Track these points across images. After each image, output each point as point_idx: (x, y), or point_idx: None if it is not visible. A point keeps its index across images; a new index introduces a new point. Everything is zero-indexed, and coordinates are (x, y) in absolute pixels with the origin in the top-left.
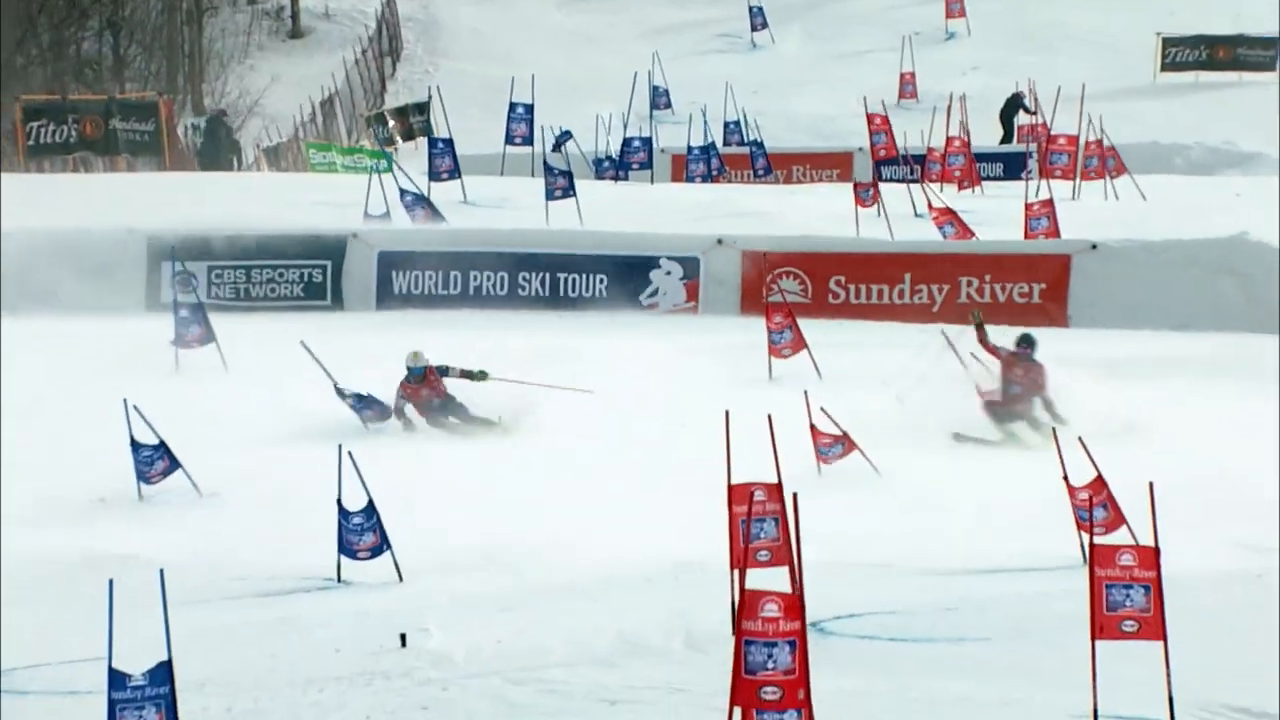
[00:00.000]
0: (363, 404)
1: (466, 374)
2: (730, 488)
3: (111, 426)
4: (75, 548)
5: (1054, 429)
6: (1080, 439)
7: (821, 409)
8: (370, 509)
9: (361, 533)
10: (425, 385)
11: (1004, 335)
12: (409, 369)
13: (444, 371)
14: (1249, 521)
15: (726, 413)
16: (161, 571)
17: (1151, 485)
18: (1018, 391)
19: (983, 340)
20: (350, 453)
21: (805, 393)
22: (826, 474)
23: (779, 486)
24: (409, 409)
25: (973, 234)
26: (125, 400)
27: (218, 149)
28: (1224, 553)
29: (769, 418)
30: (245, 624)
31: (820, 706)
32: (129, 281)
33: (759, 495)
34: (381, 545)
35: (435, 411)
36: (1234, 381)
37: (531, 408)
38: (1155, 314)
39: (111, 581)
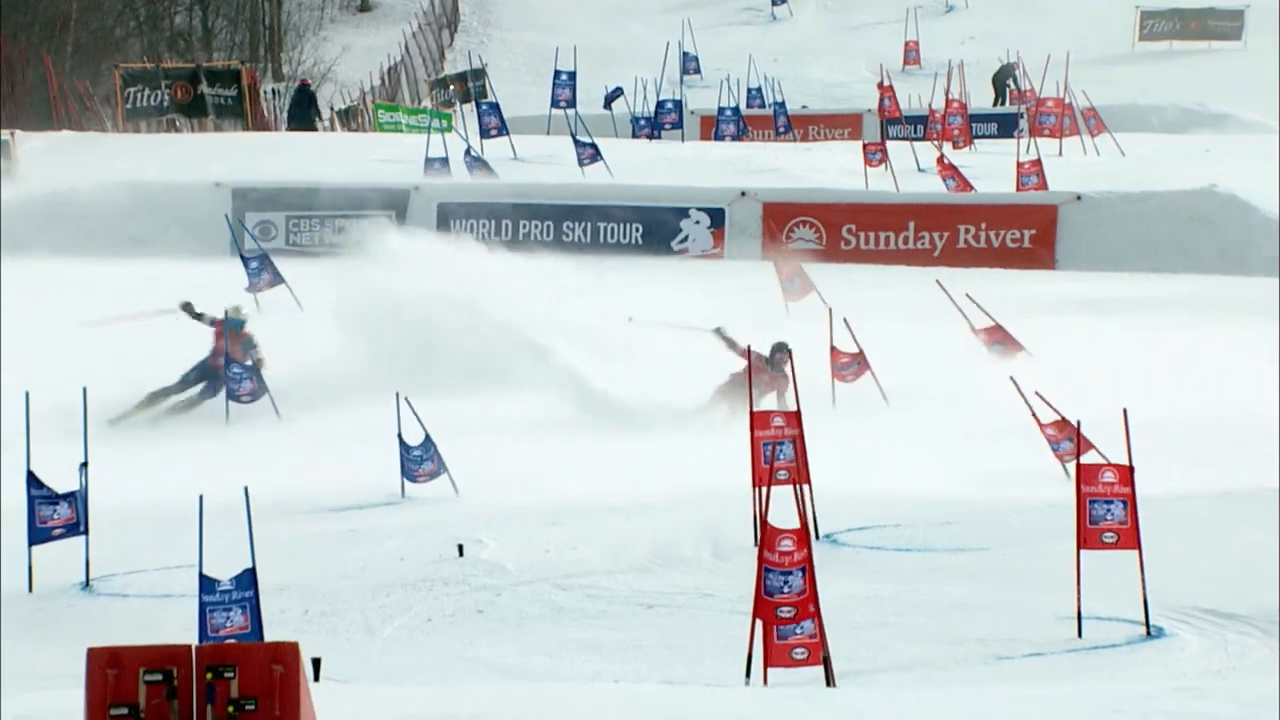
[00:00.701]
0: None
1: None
2: (752, 415)
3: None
4: (168, 465)
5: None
6: (1038, 393)
7: (845, 320)
8: (428, 442)
9: (420, 462)
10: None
11: (999, 277)
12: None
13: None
14: (1215, 443)
15: (749, 348)
16: (246, 489)
17: (1126, 411)
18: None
19: (731, 345)
20: (406, 398)
21: (830, 311)
22: (839, 402)
23: (798, 414)
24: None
25: (972, 187)
26: (224, 312)
27: (304, 113)
28: (1191, 471)
29: (789, 350)
30: (319, 536)
31: (833, 609)
32: (215, 229)
33: (778, 421)
34: (439, 470)
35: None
36: (1203, 318)
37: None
38: (1133, 258)
39: (201, 497)
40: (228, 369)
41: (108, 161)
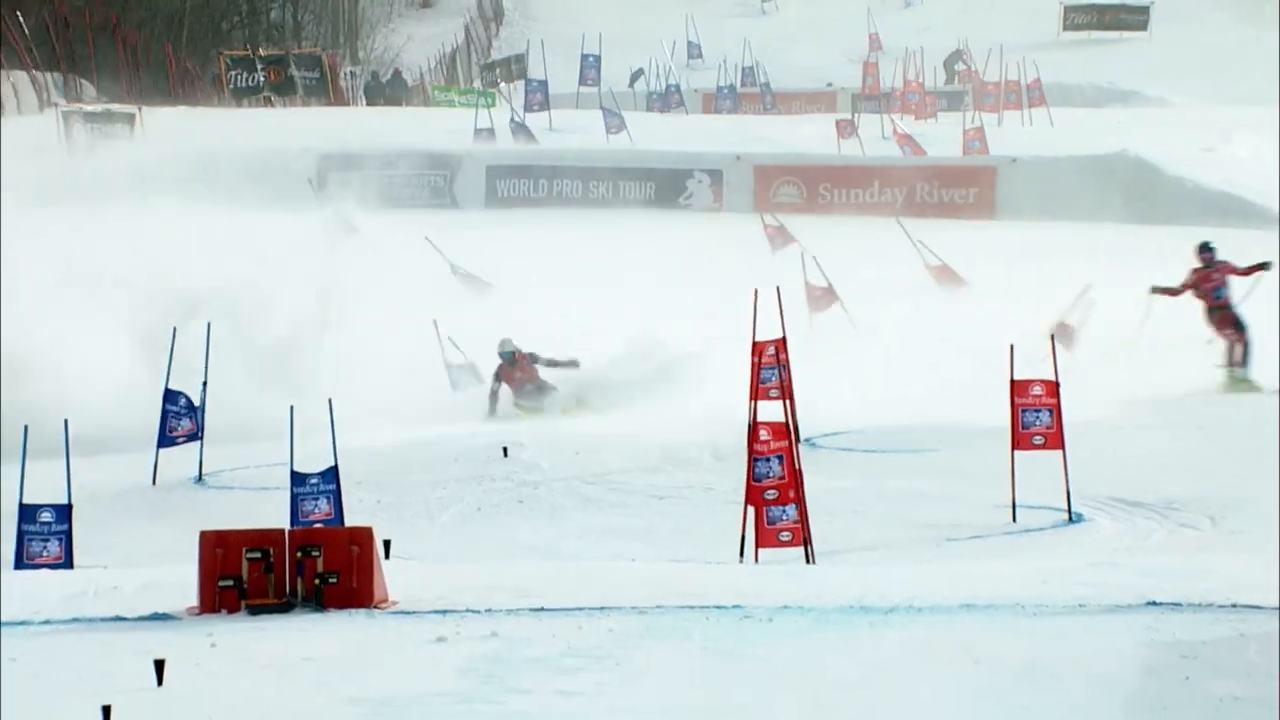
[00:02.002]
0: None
1: (553, 363)
2: (753, 344)
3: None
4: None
5: None
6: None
7: (815, 259)
8: (472, 366)
9: (464, 386)
10: (517, 369)
11: (949, 226)
12: (500, 354)
13: (534, 359)
14: (1129, 363)
15: (756, 291)
16: (330, 400)
17: (1053, 336)
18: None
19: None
20: (436, 322)
21: (802, 254)
22: (816, 328)
23: (784, 340)
24: (502, 389)
25: (924, 152)
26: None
27: (379, 93)
28: (1107, 383)
29: (777, 289)
30: (389, 440)
31: (811, 500)
32: (302, 187)
33: (770, 351)
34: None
35: (527, 395)
36: (1117, 258)
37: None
38: (1059, 209)
39: (292, 407)
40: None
41: (215, 130)
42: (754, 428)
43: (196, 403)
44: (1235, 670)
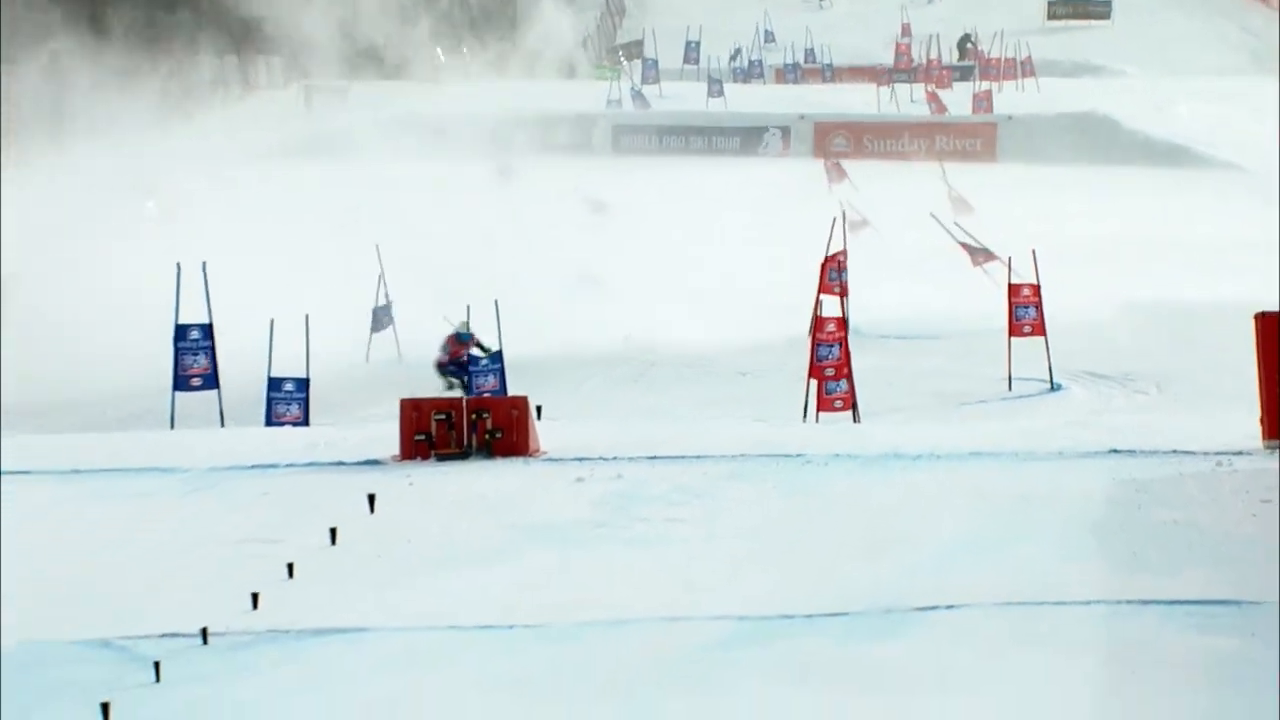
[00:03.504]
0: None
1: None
2: (825, 259)
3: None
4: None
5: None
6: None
7: (847, 202)
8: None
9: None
10: (464, 347)
11: (962, 168)
12: (457, 332)
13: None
14: (1096, 266)
15: (836, 219)
16: (495, 302)
17: (1034, 251)
18: None
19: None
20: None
21: (842, 204)
22: (857, 246)
23: (844, 253)
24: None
25: (947, 109)
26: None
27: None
28: (1081, 286)
29: (835, 218)
30: (539, 334)
31: (860, 374)
32: (479, 140)
33: (833, 274)
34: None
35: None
36: (1086, 190)
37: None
38: (1045, 155)
39: (469, 307)
40: None
41: (407, 102)
42: (819, 320)
43: (383, 303)
44: (1176, 501)
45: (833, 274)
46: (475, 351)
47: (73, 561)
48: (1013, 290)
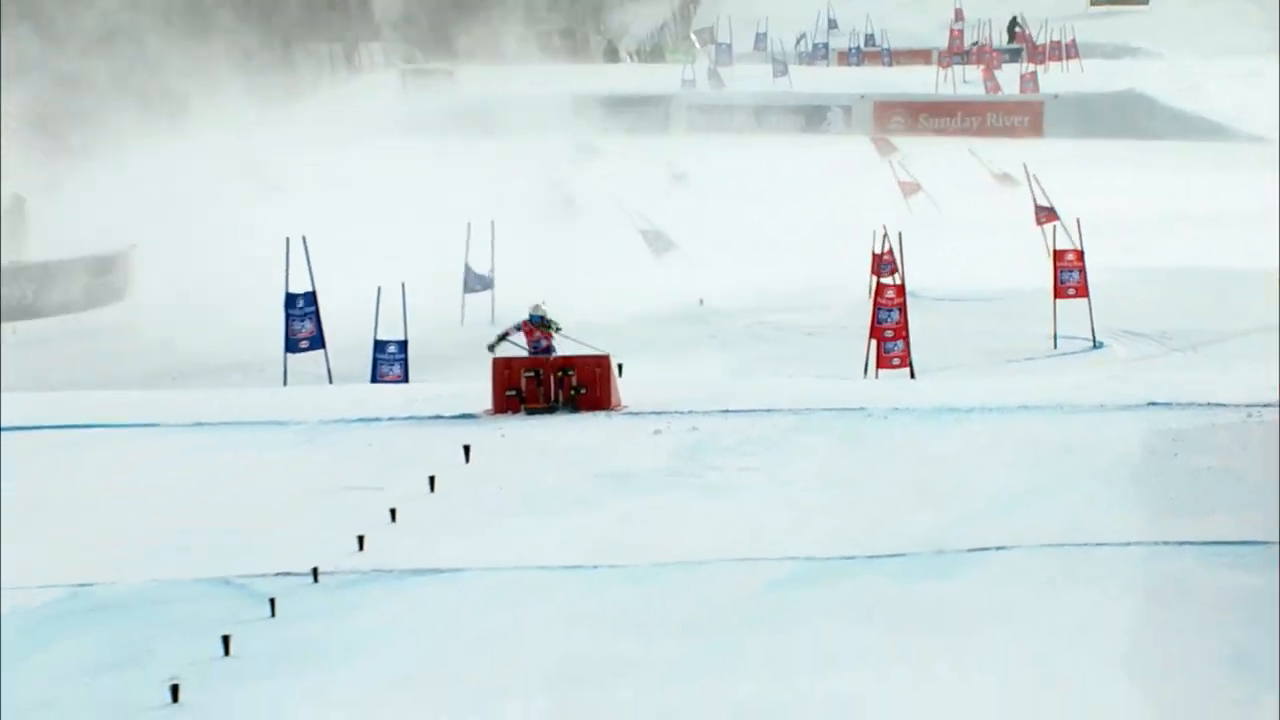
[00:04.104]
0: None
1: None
2: (874, 256)
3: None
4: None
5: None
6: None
7: (901, 163)
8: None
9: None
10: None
11: (1010, 144)
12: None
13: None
14: (1135, 234)
15: (881, 230)
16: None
17: (1079, 220)
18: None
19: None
20: None
21: (892, 162)
22: (912, 212)
23: (890, 253)
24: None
25: (1000, 88)
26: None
27: (613, 56)
28: (1121, 252)
29: (898, 183)
30: (618, 299)
31: (916, 333)
32: (562, 120)
33: (888, 245)
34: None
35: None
36: (1125, 163)
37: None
38: (1088, 130)
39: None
40: None
41: (498, 83)
42: (879, 288)
43: (485, 272)
44: (1209, 449)
45: (884, 268)
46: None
47: (196, 507)
48: (1058, 255)
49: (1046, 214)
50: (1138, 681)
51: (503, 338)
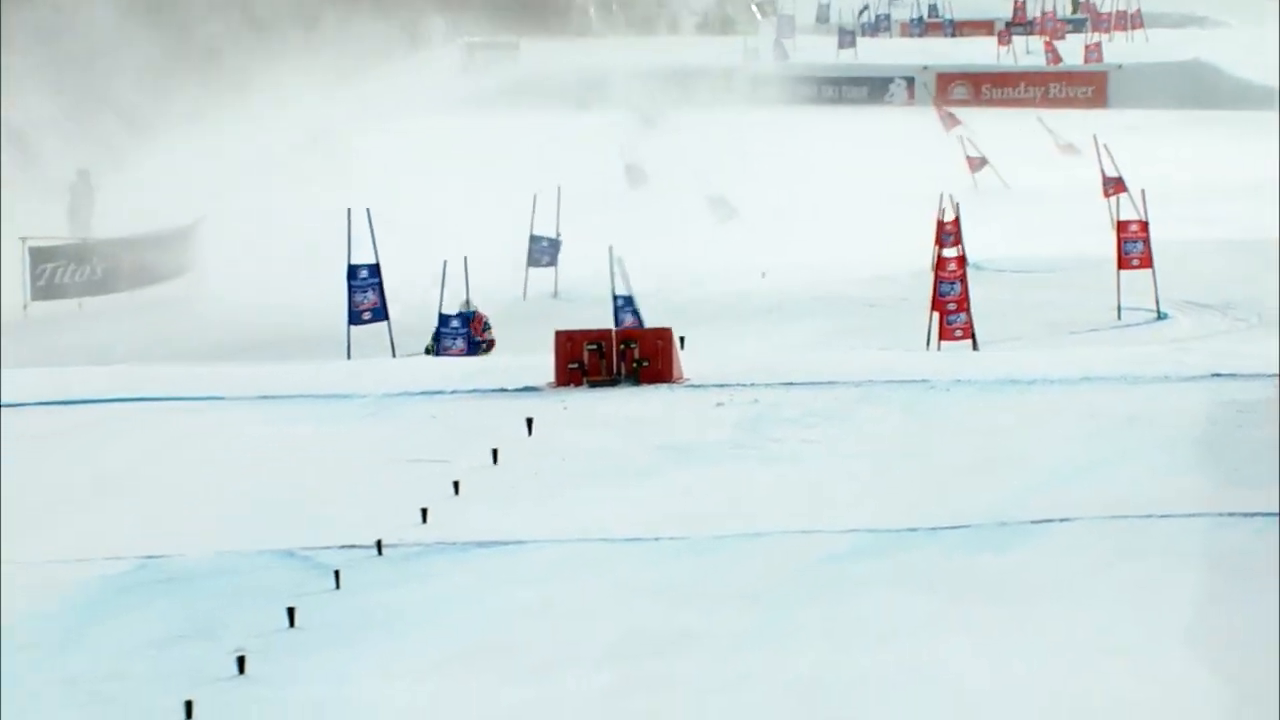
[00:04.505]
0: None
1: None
2: (939, 223)
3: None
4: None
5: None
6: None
7: (968, 137)
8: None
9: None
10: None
11: (1074, 114)
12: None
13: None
14: (1206, 206)
15: (940, 197)
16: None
17: (1144, 191)
18: None
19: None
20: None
21: (962, 134)
22: (978, 183)
23: (956, 221)
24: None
25: (1062, 59)
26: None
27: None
28: (1186, 224)
29: (966, 159)
30: (677, 272)
31: (978, 304)
32: (621, 91)
33: (949, 216)
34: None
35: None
36: (1190, 132)
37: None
38: (1153, 100)
39: (612, 247)
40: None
41: (560, 57)
42: (941, 260)
43: (552, 236)
44: (1274, 420)
45: (946, 237)
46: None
47: (260, 480)
48: (1121, 226)
49: (1115, 185)
50: (1199, 653)
51: (438, 341)
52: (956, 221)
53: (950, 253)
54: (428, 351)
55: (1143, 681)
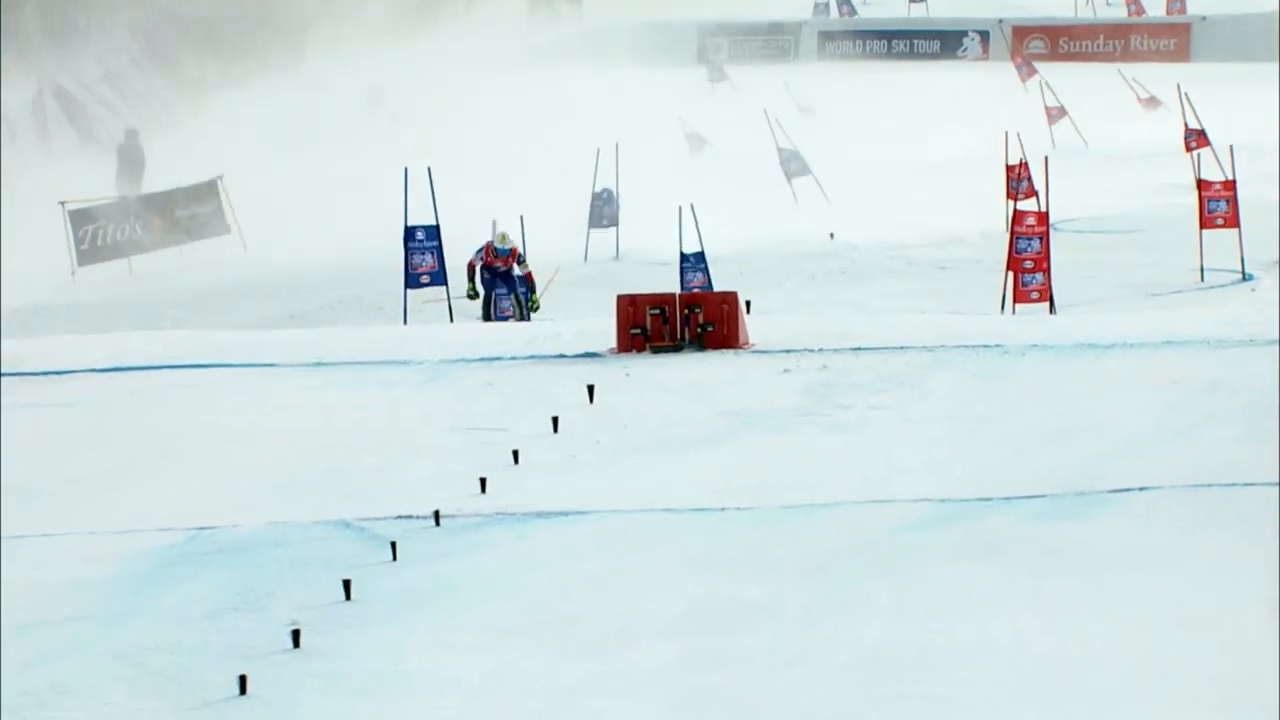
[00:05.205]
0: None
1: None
2: (1007, 168)
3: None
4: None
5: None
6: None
7: (1048, 84)
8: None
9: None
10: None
11: (1155, 68)
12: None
13: (521, 260)
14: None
15: (1007, 134)
16: (691, 206)
17: (1231, 147)
18: None
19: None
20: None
21: (1041, 82)
22: (1056, 139)
23: (1024, 164)
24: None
25: (1144, 11)
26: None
27: None
28: (1267, 180)
29: (1045, 109)
30: (744, 233)
31: (1056, 267)
32: (686, 47)
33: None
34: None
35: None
36: (1275, 84)
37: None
38: (1237, 53)
39: (683, 207)
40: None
41: (621, 12)
42: (1018, 214)
43: (612, 191)
44: None
45: (1013, 184)
46: (516, 270)
47: (315, 449)
48: (1203, 185)
49: (1198, 138)
50: None
51: (472, 281)
52: (1025, 166)
53: (1027, 205)
54: (470, 296)
55: (1221, 653)
